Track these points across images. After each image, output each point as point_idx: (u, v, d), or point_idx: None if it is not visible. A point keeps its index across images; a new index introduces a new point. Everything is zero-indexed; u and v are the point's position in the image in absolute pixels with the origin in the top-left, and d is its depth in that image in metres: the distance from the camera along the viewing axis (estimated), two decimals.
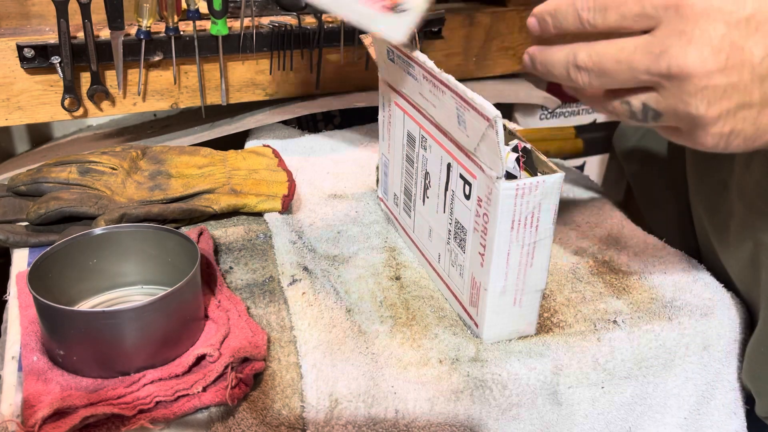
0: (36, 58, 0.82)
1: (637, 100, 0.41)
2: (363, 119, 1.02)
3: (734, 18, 0.36)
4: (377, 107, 0.75)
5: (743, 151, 0.41)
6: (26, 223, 0.71)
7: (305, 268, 0.67)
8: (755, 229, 0.60)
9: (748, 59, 0.37)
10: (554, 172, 0.53)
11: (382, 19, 0.56)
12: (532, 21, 0.45)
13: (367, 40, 0.77)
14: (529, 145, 0.56)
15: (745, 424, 0.61)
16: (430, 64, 0.57)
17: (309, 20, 0.94)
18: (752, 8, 0.36)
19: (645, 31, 0.39)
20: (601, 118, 1.43)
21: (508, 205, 0.52)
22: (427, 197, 0.65)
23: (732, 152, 0.41)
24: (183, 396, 0.51)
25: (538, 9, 0.44)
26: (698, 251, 0.73)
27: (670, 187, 0.78)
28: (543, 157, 0.56)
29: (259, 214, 0.76)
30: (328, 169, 0.88)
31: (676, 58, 0.37)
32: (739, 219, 0.62)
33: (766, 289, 0.58)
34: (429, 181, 0.64)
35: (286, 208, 0.76)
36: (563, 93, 1.31)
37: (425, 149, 0.64)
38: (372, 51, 0.72)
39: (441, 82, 0.55)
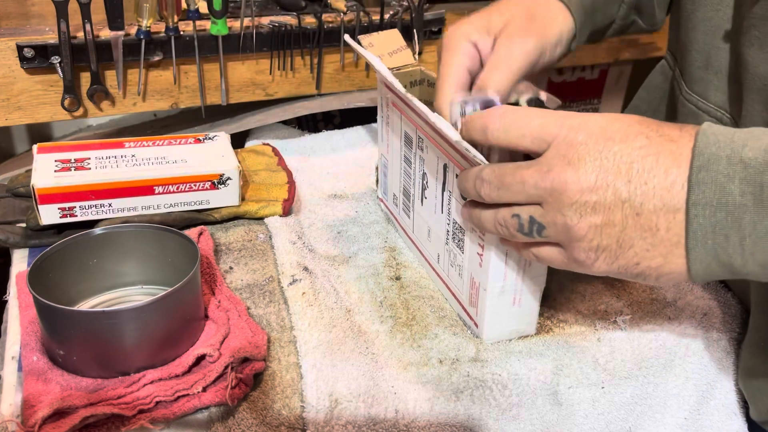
0: (36, 58, 0.82)
1: (525, 213, 0.47)
2: (363, 119, 1.02)
3: (605, 149, 0.44)
4: (377, 107, 0.75)
5: (607, 272, 0.47)
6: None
7: (305, 268, 0.67)
8: None
9: (613, 183, 0.44)
10: None
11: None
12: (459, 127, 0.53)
13: (365, 41, 0.78)
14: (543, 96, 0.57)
15: (746, 424, 0.61)
16: (424, 108, 0.57)
17: (309, 20, 0.94)
18: (619, 148, 0.44)
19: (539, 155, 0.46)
20: None
21: None
22: (425, 198, 0.65)
23: (598, 271, 0.47)
24: (183, 396, 0.51)
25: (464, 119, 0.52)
26: None
27: None
28: None
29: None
30: (328, 169, 0.88)
31: (558, 175, 0.45)
32: None
33: (755, 296, 0.59)
34: (426, 182, 0.64)
35: (287, 212, 0.76)
36: (563, 93, 1.31)
37: (422, 150, 0.64)
38: (371, 51, 0.72)
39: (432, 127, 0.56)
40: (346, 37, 0.77)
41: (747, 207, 0.41)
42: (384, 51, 0.80)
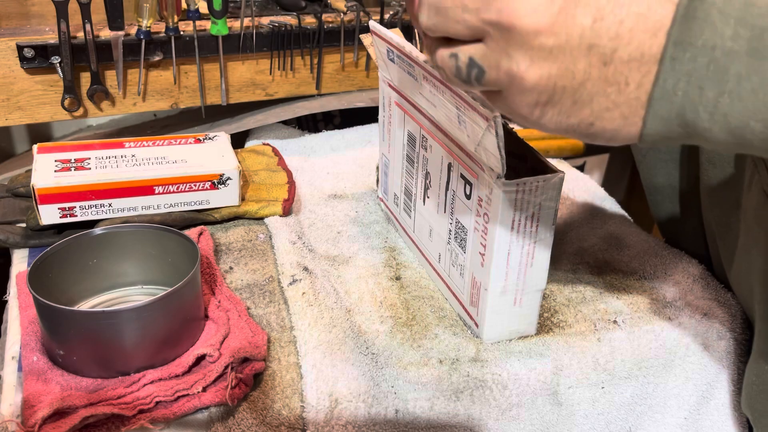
0: (36, 58, 0.82)
1: (464, 54, 0.38)
2: (363, 119, 1.02)
3: None
4: (377, 107, 0.75)
5: (552, 130, 0.39)
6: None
7: (305, 268, 0.67)
8: (750, 254, 0.59)
9: (578, 23, 0.34)
10: (554, 172, 0.53)
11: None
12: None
13: (366, 40, 0.77)
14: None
15: (747, 425, 0.61)
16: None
17: (309, 20, 0.94)
18: None
19: None
20: None
21: (509, 205, 0.52)
22: (428, 197, 0.65)
23: (541, 127, 0.39)
24: (183, 396, 0.51)
25: None
26: (710, 261, 0.72)
27: (685, 200, 0.78)
28: (542, 157, 0.56)
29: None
30: (328, 169, 0.88)
31: (505, 5, 0.35)
32: (742, 240, 0.61)
33: (758, 318, 0.58)
34: (429, 181, 0.64)
35: (287, 212, 0.76)
36: None
37: (426, 149, 0.64)
38: (372, 51, 0.72)
39: (441, 82, 0.55)
40: (362, 36, 0.76)
41: (737, 55, 0.33)
42: None
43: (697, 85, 0.34)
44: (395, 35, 0.63)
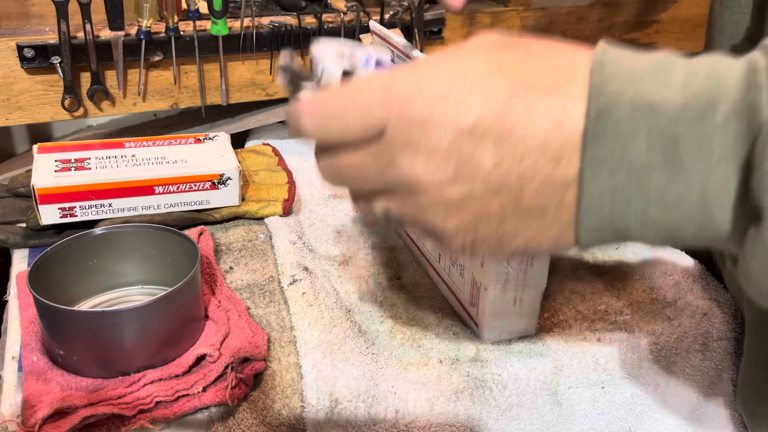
0: (36, 58, 0.82)
1: (379, 207, 0.38)
2: None
3: (458, 126, 0.33)
4: None
5: (492, 257, 0.39)
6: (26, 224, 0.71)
7: (305, 268, 0.67)
8: None
9: (478, 169, 0.34)
10: None
11: None
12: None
13: (367, 40, 0.77)
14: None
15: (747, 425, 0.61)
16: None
17: (309, 20, 0.94)
18: (474, 117, 0.33)
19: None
20: None
21: None
22: None
23: (480, 259, 0.39)
24: (183, 396, 0.51)
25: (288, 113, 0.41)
26: (710, 261, 0.72)
27: None
28: None
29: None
30: None
31: (404, 169, 0.35)
32: None
33: (749, 322, 0.59)
34: None
35: (288, 212, 0.76)
36: None
37: None
38: None
39: None
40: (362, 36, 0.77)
41: (654, 167, 0.32)
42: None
43: (622, 199, 0.33)
44: (395, 35, 0.63)
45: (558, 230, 0.35)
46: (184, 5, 0.87)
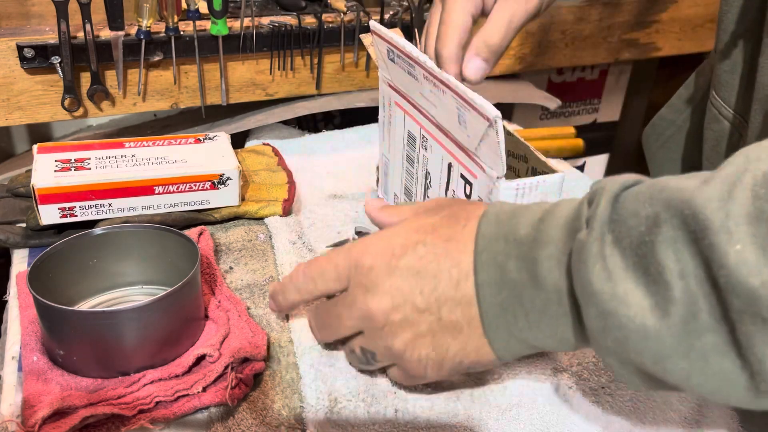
0: (36, 58, 0.82)
1: (356, 346, 0.50)
2: (363, 119, 1.02)
3: (391, 269, 0.46)
4: (377, 107, 0.75)
5: (442, 378, 0.50)
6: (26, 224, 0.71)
7: None
8: None
9: (408, 297, 0.46)
10: (554, 172, 0.53)
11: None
12: (270, 302, 0.56)
13: (366, 40, 0.77)
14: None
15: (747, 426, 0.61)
16: (431, 64, 0.57)
17: (309, 20, 0.94)
18: (403, 261, 0.46)
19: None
20: (601, 118, 1.43)
21: None
22: (428, 197, 0.65)
23: (433, 380, 0.50)
24: (183, 396, 0.51)
25: (270, 289, 0.56)
26: None
27: None
28: (542, 158, 0.56)
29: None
30: (328, 169, 0.88)
31: (361, 304, 0.47)
32: None
33: None
34: (429, 181, 0.64)
35: (287, 212, 0.76)
36: (563, 93, 1.31)
37: (426, 149, 0.64)
38: (372, 51, 0.72)
39: (442, 82, 0.55)
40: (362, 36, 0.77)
41: (525, 284, 0.42)
42: None
43: (511, 312, 0.43)
44: (396, 35, 0.63)
45: (476, 343, 0.46)
46: (184, 5, 0.87)
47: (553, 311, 0.42)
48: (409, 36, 0.98)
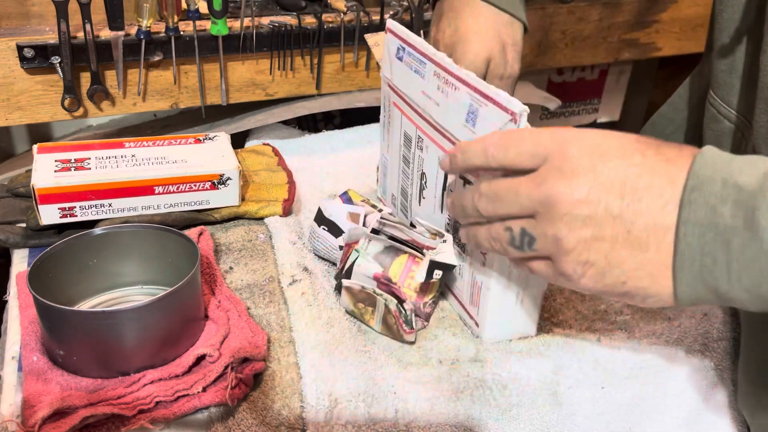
0: (36, 58, 0.82)
1: (517, 226, 0.47)
2: (363, 119, 1.02)
3: (600, 166, 0.44)
4: (377, 107, 0.75)
5: (593, 289, 0.46)
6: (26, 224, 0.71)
7: (305, 269, 0.67)
8: None
9: (605, 198, 0.44)
10: None
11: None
12: (444, 159, 0.52)
13: (371, 40, 0.77)
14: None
15: (746, 424, 0.61)
16: (448, 60, 0.58)
17: (309, 20, 0.94)
18: (612, 165, 0.44)
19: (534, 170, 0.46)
20: (601, 118, 1.43)
21: None
22: (424, 198, 0.65)
23: (584, 288, 0.46)
24: (183, 396, 0.51)
25: (450, 149, 0.52)
26: None
27: None
28: None
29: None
30: (328, 169, 0.88)
31: (550, 187, 0.45)
32: None
33: (744, 320, 0.59)
34: (425, 182, 0.64)
35: (287, 212, 0.76)
36: (563, 93, 1.31)
37: (421, 149, 0.64)
38: (376, 51, 0.72)
39: (458, 78, 0.56)
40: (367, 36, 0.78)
41: (737, 230, 0.40)
42: None
43: (710, 256, 0.41)
44: (413, 34, 0.64)
45: (656, 269, 0.43)
46: (184, 5, 0.87)
47: (764, 264, 0.40)
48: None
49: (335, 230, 0.66)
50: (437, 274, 0.58)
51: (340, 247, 0.66)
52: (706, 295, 0.43)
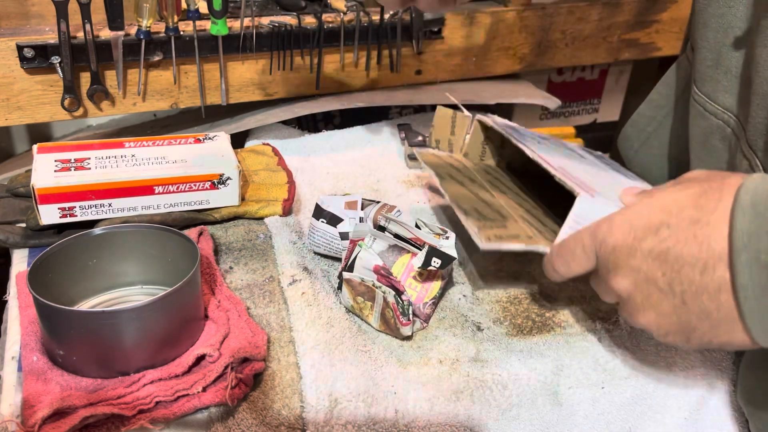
0: (36, 58, 0.82)
1: (618, 309, 0.53)
2: (363, 119, 1.02)
3: (633, 249, 0.47)
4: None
5: (691, 347, 0.51)
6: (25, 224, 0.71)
7: (305, 268, 0.67)
8: None
9: (650, 280, 0.47)
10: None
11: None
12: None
13: (444, 112, 0.79)
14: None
15: (747, 425, 0.61)
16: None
17: (309, 20, 0.94)
18: (646, 245, 0.46)
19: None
20: (601, 118, 1.43)
21: None
22: None
23: (685, 347, 0.51)
24: (183, 396, 0.51)
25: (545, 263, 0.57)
26: None
27: None
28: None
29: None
30: (328, 169, 0.88)
31: (608, 283, 0.50)
32: None
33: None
34: None
35: (287, 212, 0.76)
36: (563, 93, 1.31)
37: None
38: (443, 124, 0.74)
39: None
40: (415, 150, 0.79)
41: None
42: (443, 134, 0.81)
43: None
44: (497, 117, 0.67)
45: (728, 328, 0.44)
46: (184, 5, 0.87)
47: None
48: (410, 36, 0.97)
49: (334, 220, 0.67)
50: (435, 262, 0.58)
51: (341, 236, 0.66)
52: None
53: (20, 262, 0.68)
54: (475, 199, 0.65)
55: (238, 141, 0.95)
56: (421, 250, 0.60)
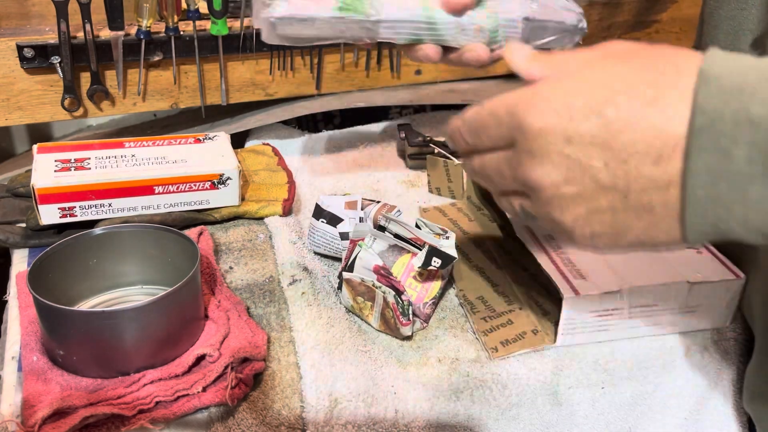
0: (36, 58, 0.82)
1: (516, 203, 0.44)
2: (363, 119, 1.02)
3: (568, 134, 0.39)
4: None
5: (615, 252, 0.43)
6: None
7: (305, 268, 0.67)
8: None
9: (587, 170, 0.39)
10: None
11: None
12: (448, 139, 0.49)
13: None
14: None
15: (747, 425, 0.61)
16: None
17: None
18: (582, 127, 0.38)
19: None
20: None
21: None
22: None
23: (604, 251, 0.43)
24: (183, 396, 0.51)
25: (448, 129, 0.48)
26: None
27: None
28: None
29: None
30: (328, 169, 0.88)
31: (527, 173, 0.40)
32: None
33: (760, 320, 0.58)
34: None
35: (287, 212, 0.76)
36: None
37: None
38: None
39: None
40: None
41: (755, 177, 0.35)
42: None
43: (724, 206, 0.36)
44: None
45: (667, 227, 0.39)
46: (184, 5, 0.87)
47: None
48: None
49: (334, 220, 0.67)
50: (435, 262, 0.58)
51: (341, 236, 0.66)
52: (716, 237, 0.38)
53: (20, 262, 0.68)
54: (481, 281, 0.66)
55: (238, 141, 0.95)
56: (421, 250, 0.60)
